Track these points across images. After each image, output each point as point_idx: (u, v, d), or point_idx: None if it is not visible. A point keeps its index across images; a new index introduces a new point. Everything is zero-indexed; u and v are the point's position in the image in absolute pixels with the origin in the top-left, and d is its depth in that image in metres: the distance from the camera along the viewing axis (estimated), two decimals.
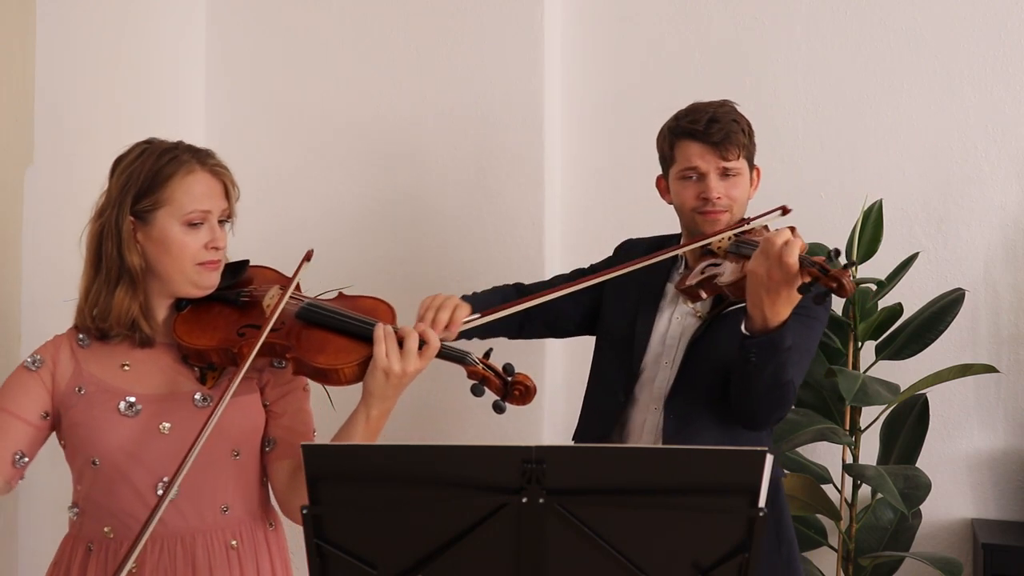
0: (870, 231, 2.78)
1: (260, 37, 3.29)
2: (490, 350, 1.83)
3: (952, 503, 2.96)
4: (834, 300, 1.95)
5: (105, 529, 1.76)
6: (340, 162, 3.22)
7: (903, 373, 2.81)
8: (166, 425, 1.76)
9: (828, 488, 2.80)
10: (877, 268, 2.79)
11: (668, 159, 2.25)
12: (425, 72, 3.16)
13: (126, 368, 1.80)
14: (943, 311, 2.78)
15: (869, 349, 2.85)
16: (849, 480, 2.81)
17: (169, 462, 1.72)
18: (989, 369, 2.78)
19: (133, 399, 1.77)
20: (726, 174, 2.17)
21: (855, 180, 3.00)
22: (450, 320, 2.09)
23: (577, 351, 3.03)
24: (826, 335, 2.73)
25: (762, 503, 1.31)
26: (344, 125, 3.22)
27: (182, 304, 1.84)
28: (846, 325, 2.80)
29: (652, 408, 2.19)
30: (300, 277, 1.85)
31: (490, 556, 1.35)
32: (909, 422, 2.81)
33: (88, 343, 1.81)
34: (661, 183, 2.31)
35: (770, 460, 1.31)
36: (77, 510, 1.80)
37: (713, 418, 2.14)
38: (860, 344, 2.82)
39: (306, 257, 1.87)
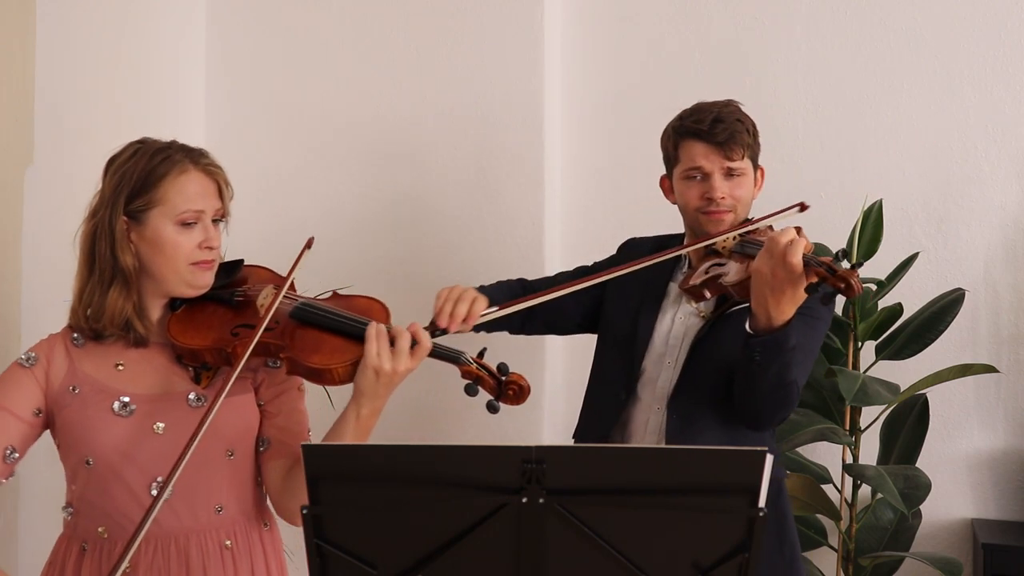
0: (870, 231, 2.78)
1: (260, 37, 3.29)
2: (484, 349, 1.82)
3: (952, 503, 2.96)
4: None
5: (99, 529, 1.76)
6: (340, 162, 3.22)
7: (903, 373, 2.81)
8: (160, 425, 1.76)
9: (828, 488, 2.80)
10: (877, 268, 2.79)
11: (672, 159, 2.25)
12: (425, 72, 3.16)
13: (120, 368, 1.79)
14: (943, 311, 2.78)
15: (869, 349, 2.85)
16: (849, 480, 2.81)
17: (163, 462, 1.72)
18: (989, 369, 2.78)
19: (127, 399, 1.76)
20: (730, 174, 2.17)
21: (855, 180, 3.00)
22: (468, 313, 2.08)
23: (577, 350, 3.03)
24: (826, 335, 2.73)
25: (762, 503, 1.31)
26: (344, 125, 3.22)
27: (176, 304, 1.84)
28: (846, 325, 2.80)
29: (655, 408, 2.19)
30: (301, 264, 1.84)
31: (490, 556, 1.35)
32: (909, 422, 2.81)
33: (82, 342, 1.81)
34: (665, 183, 2.31)
35: (770, 460, 1.31)
36: (71, 510, 1.80)
37: (716, 418, 2.14)
38: (860, 344, 2.82)
39: (307, 245, 1.86)
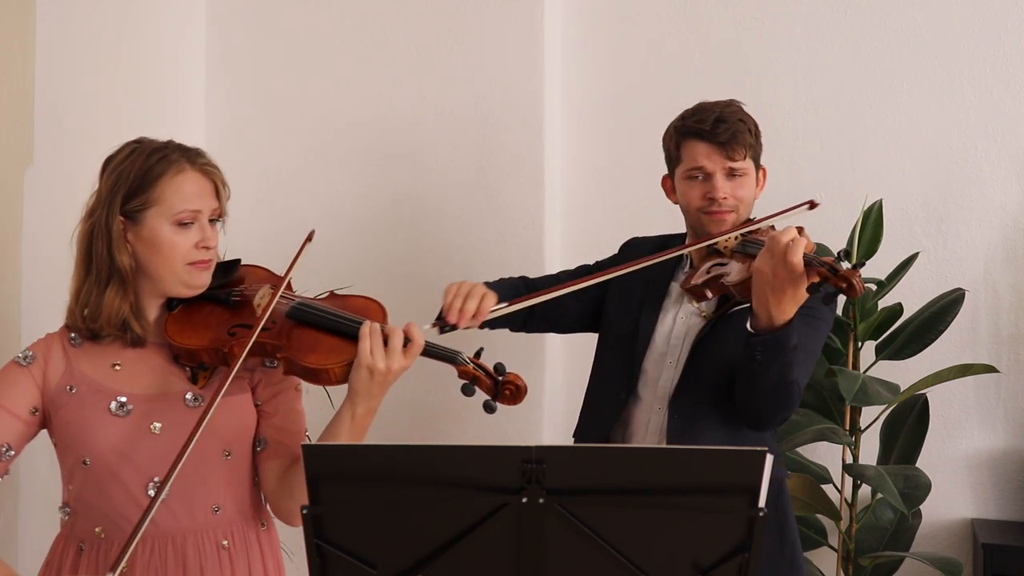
0: (870, 231, 2.78)
1: (260, 37, 3.29)
2: (480, 349, 1.81)
3: (952, 503, 2.96)
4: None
5: (96, 529, 1.76)
6: (340, 162, 3.22)
7: (903, 373, 2.81)
8: (157, 425, 1.76)
9: (828, 488, 2.80)
10: (877, 268, 2.79)
11: (674, 159, 2.24)
12: (425, 72, 3.16)
13: (117, 368, 1.79)
14: (943, 311, 2.78)
15: (869, 349, 2.85)
16: (849, 480, 2.81)
17: (160, 462, 1.72)
18: (989, 369, 2.78)
19: (124, 399, 1.76)
20: (732, 174, 2.16)
21: (855, 180, 3.00)
22: (478, 309, 2.08)
23: (577, 350, 3.03)
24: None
25: (762, 503, 1.31)
26: (344, 125, 3.22)
27: (173, 304, 1.83)
28: (846, 325, 2.80)
29: (656, 408, 2.19)
30: (302, 258, 1.84)
31: (490, 556, 1.35)
32: (909, 422, 2.81)
33: (80, 342, 1.81)
34: (667, 183, 2.31)
35: (770, 460, 1.31)
36: (68, 510, 1.80)
37: (718, 418, 2.13)
38: (860, 344, 2.82)
39: (307, 238, 1.86)
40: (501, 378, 1.77)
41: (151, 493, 1.73)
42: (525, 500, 1.30)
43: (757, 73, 3.07)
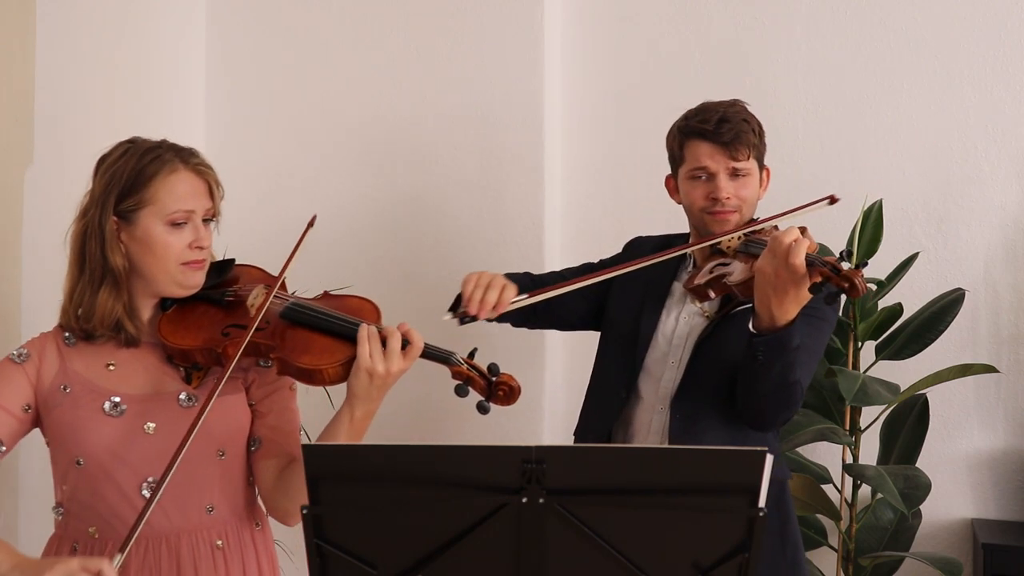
0: (870, 231, 2.78)
1: (260, 37, 3.29)
2: (475, 350, 1.80)
3: (952, 503, 2.96)
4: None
5: (90, 529, 1.75)
6: (340, 162, 3.22)
7: (903, 373, 2.81)
8: (151, 425, 1.76)
9: (828, 488, 2.81)
10: (877, 268, 2.79)
11: (677, 159, 2.24)
12: (425, 72, 3.16)
13: (111, 368, 1.79)
14: (943, 311, 2.78)
15: (869, 349, 2.85)
16: (849, 480, 2.81)
17: (154, 462, 1.72)
18: (989, 369, 2.78)
19: (118, 399, 1.76)
20: (736, 174, 2.16)
21: (855, 180, 2.99)
22: (498, 301, 2.07)
23: (577, 350, 3.03)
24: None
25: (762, 503, 1.31)
26: (344, 125, 3.22)
27: (167, 304, 1.83)
28: (846, 325, 2.80)
29: (658, 408, 2.19)
30: (305, 244, 1.84)
31: (490, 556, 1.35)
32: (909, 422, 2.81)
33: (74, 342, 1.80)
34: (670, 183, 2.30)
35: (770, 460, 1.31)
36: (62, 510, 1.80)
37: (720, 418, 2.13)
38: (860, 344, 2.82)
39: (309, 224, 1.86)
40: (495, 379, 1.76)
41: (145, 493, 1.73)
42: (525, 500, 1.30)
43: (757, 73, 3.07)
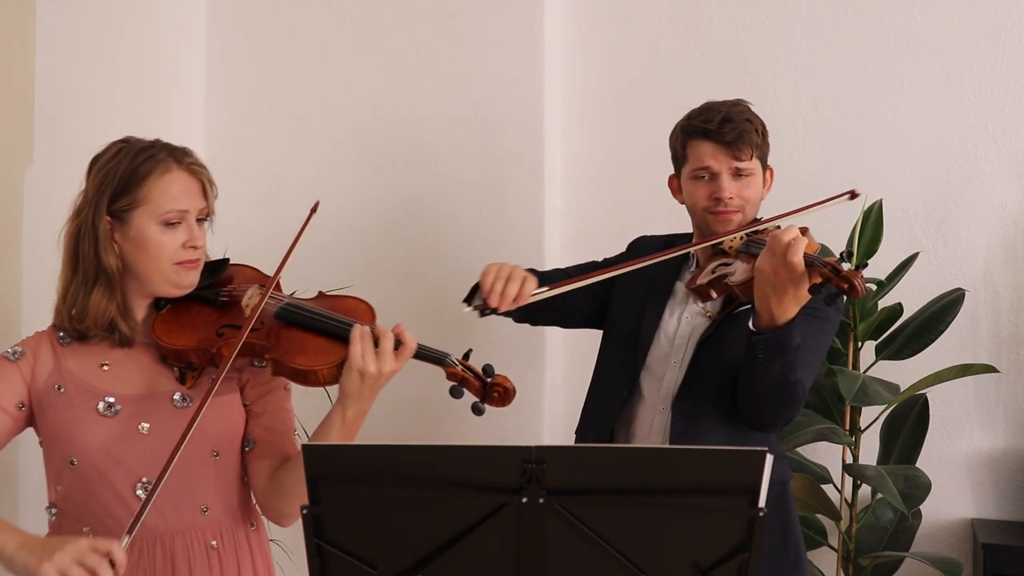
0: (870, 231, 2.78)
1: (260, 37, 3.29)
2: (469, 351, 1.79)
3: (952, 503, 2.95)
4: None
5: (84, 530, 1.74)
6: (340, 162, 3.22)
7: (903, 373, 2.81)
8: (145, 425, 1.75)
9: (828, 488, 2.80)
10: (877, 268, 2.79)
11: (680, 158, 2.24)
12: (425, 72, 3.15)
13: (105, 368, 1.79)
14: (943, 311, 2.78)
15: (869, 349, 2.84)
16: (849, 480, 2.81)
17: (148, 462, 1.72)
18: (989, 369, 2.78)
19: (112, 399, 1.75)
20: (739, 174, 2.16)
21: (855, 180, 2.96)
22: (519, 293, 2.07)
23: (577, 349, 3.03)
24: None
25: (762, 503, 1.31)
26: (344, 125, 3.22)
27: (161, 303, 1.83)
28: (846, 325, 2.79)
29: (660, 408, 2.19)
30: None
31: (490, 556, 1.35)
32: (909, 422, 2.81)
33: (68, 342, 1.80)
34: (673, 183, 2.30)
35: (770, 460, 1.31)
36: (55, 510, 1.79)
37: (721, 419, 2.13)
38: (860, 344, 2.82)
39: (312, 210, 1.86)
40: (489, 380, 1.75)
41: (140, 494, 1.73)
42: (525, 500, 1.30)
43: (757, 73, 3.07)
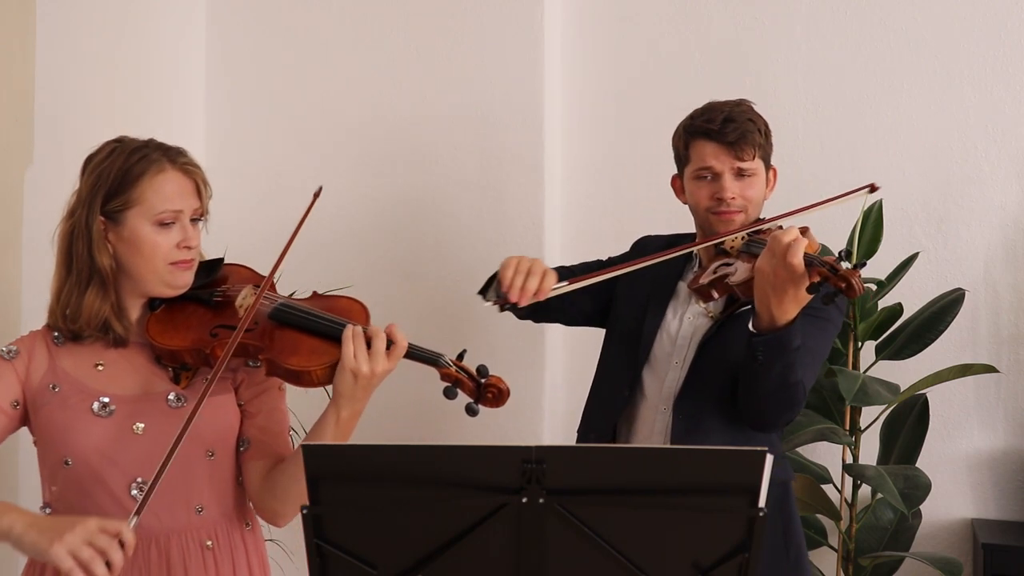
0: (870, 231, 2.78)
1: (260, 37, 3.29)
2: (463, 351, 1.79)
3: (952, 503, 2.95)
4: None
5: None
6: (340, 162, 3.22)
7: (903, 373, 2.81)
8: (140, 426, 1.75)
9: (828, 488, 2.80)
10: (877, 268, 2.79)
11: (683, 158, 2.23)
12: (425, 72, 3.16)
13: (100, 368, 1.78)
14: (943, 311, 2.78)
15: (869, 349, 2.84)
16: (849, 480, 2.81)
17: (143, 463, 1.71)
18: (989, 369, 2.78)
19: (107, 399, 1.75)
20: (741, 174, 2.15)
21: (855, 180, 2.96)
22: (539, 288, 2.06)
23: (577, 349, 3.04)
24: None
25: (762, 503, 1.31)
26: (344, 125, 3.22)
27: (155, 303, 1.82)
28: (846, 325, 2.79)
29: (661, 409, 2.19)
30: (311, 214, 1.85)
31: (490, 556, 1.35)
32: (909, 422, 2.81)
33: (63, 341, 1.80)
34: (676, 183, 2.30)
35: (770, 460, 1.31)
36: (49, 511, 1.79)
37: (723, 419, 2.13)
38: (860, 344, 2.82)
39: (315, 195, 1.86)
40: (483, 380, 1.74)
41: (134, 494, 1.73)
42: (525, 500, 1.30)
43: (757, 73, 3.07)
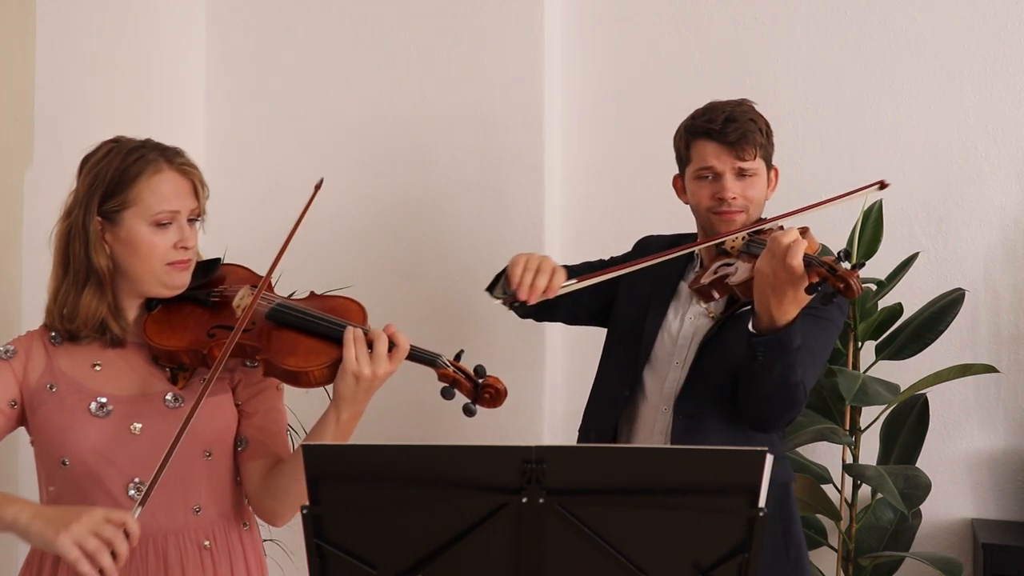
0: (870, 231, 2.78)
1: (260, 37, 3.29)
2: (461, 352, 1.79)
3: (952, 503, 2.95)
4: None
5: None
6: (340, 162, 3.22)
7: (903, 373, 2.81)
8: (137, 426, 1.75)
9: (828, 488, 2.80)
10: (877, 268, 2.79)
11: (684, 158, 2.23)
12: (425, 72, 3.16)
13: (97, 368, 1.78)
14: (943, 311, 2.78)
15: (869, 349, 2.84)
16: (849, 480, 2.81)
17: (141, 463, 1.71)
18: (989, 369, 2.78)
19: (104, 399, 1.75)
20: (742, 174, 2.15)
21: (855, 180, 2.97)
22: (548, 286, 2.06)
23: (577, 349, 3.04)
24: None
25: (762, 503, 1.31)
26: (344, 125, 3.22)
27: (152, 304, 1.82)
28: (846, 325, 2.79)
29: (662, 409, 2.19)
30: (312, 207, 1.85)
31: (490, 556, 1.35)
32: (909, 422, 2.81)
33: (60, 341, 1.79)
34: (677, 182, 2.29)
35: (770, 460, 1.31)
36: None
37: (723, 420, 2.13)
38: (860, 344, 2.82)
39: (316, 187, 1.86)
40: (481, 381, 1.74)
41: (132, 494, 1.73)
42: (525, 500, 1.30)
43: (757, 73, 3.07)
